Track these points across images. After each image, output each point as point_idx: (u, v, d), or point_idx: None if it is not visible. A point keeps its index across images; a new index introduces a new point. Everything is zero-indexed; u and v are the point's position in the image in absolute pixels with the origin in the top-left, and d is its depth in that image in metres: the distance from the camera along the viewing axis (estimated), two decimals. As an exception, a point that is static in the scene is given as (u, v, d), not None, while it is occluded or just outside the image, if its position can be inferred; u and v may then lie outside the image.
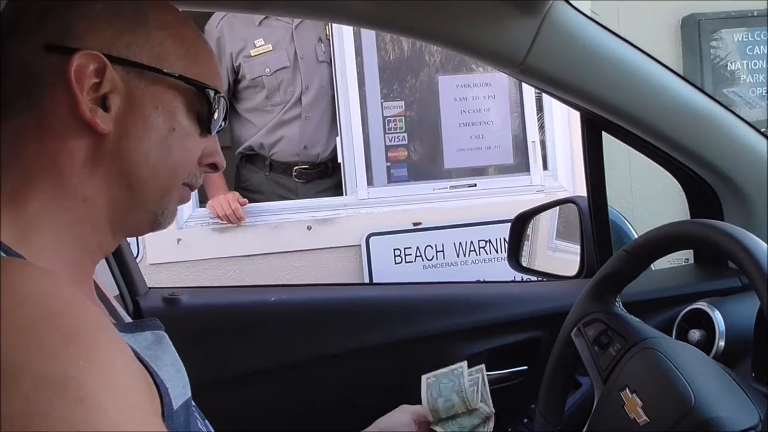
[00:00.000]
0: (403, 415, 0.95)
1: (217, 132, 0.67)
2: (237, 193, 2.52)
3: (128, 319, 0.71)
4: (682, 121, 1.09)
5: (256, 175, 2.62)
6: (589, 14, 1.01)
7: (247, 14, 2.44)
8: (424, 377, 0.95)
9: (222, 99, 0.65)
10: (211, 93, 0.63)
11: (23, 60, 0.56)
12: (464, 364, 0.95)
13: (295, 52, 2.52)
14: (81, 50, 0.55)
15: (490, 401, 0.94)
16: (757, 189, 1.14)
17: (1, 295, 0.40)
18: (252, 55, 2.48)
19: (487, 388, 0.94)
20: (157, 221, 0.64)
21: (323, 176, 2.63)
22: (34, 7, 0.56)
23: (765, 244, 0.72)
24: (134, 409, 0.41)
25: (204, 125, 0.64)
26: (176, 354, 0.61)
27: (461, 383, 0.92)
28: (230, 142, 2.72)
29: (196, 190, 2.32)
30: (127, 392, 0.41)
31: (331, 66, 2.60)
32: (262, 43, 2.48)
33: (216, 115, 0.64)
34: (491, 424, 0.93)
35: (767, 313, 0.67)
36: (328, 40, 2.60)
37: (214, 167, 0.67)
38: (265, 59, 2.49)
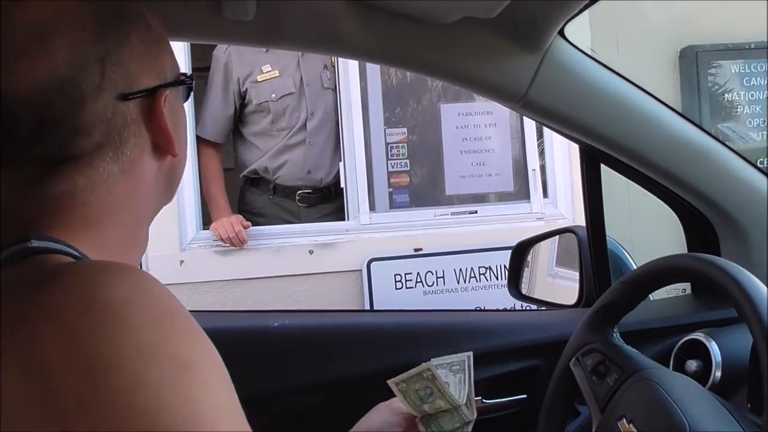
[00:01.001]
0: (380, 413, 0.94)
1: None
2: (240, 216, 2.54)
3: None
4: (679, 155, 1.12)
5: (259, 198, 2.64)
6: (588, 52, 1.04)
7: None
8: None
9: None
10: (189, 80, 0.68)
11: (102, 115, 0.56)
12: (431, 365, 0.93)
13: (301, 79, 2.55)
14: (156, 91, 0.59)
15: (473, 400, 0.92)
16: (754, 223, 1.16)
17: (133, 289, 0.45)
18: (259, 80, 2.51)
19: (472, 383, 0.93)
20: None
21: (326, 201, 2.65)
22: (93, 63, 0.56)
23: (759, 282, 0.74)
24: (235, 397, 0.46)
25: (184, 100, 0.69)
26: None
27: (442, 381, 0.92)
28: (234, 164, 2.75)
29: (200, 213, 2.32)
30: (230, 382, 0.46)
31: (336, 92, 2.64)
32: (269, 68, 2.52)
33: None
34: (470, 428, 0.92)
35: (760, 350, 0.69)
36: (333, 67, 2.65)
37: None
38: (272, 85, 2.52)
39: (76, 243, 0.54)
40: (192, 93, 0.70)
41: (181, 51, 2.44)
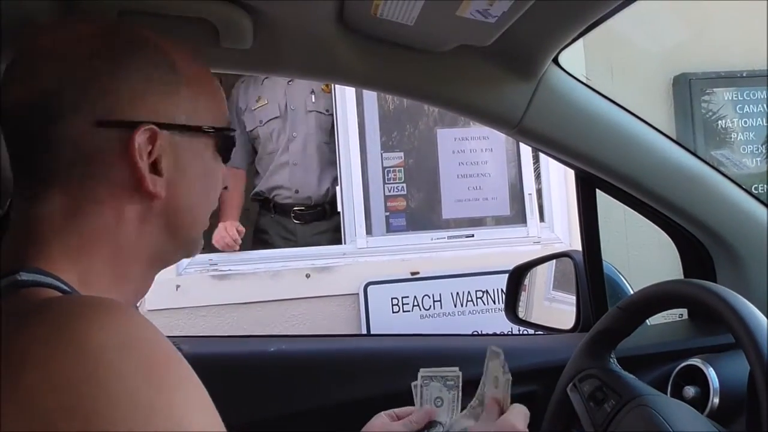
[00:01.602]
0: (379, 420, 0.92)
1: None
2: (236, 222, 2.65)
3: None
4: (674, 182, 1.13)
5: (263, 218, 2.80)
6: (582, 79, 1.06)
7: (255, 75, 2.66)
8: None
9: (235, 133, 0.69)
10: (232, 134, 0.67)
11: (75, 137, 0.56)
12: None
13: (286, 104, 2.70)
14: (138, 125, 0.57)
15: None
16: (750, 249, 1.16)
17: (125, 334, 0.45)
18: (252, 109, 2.71)
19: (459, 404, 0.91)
20: (190, 254, 0.68)
21: (321, 218, 2.73)
22: (77, 84, 0.57)
23: (755, 309, 0.74)
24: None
25: (225, 159, 0.68)
26: None
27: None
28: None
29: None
30: (221, 424, 0.47)
31: (322, 115, 2.73)
32: (261, 98, 2.71)
33: (231, 150, 0.68)
34: None
35: (758, 377, 0.69)
36: (322, 91, 2.73)
37: (226, 188, 0.71)
38: (260, 112, 2.70)
39: (61, 274, 0.54)
40: (229, 148, 0.68)
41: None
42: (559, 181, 2.83)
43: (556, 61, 1.02)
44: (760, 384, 0.69)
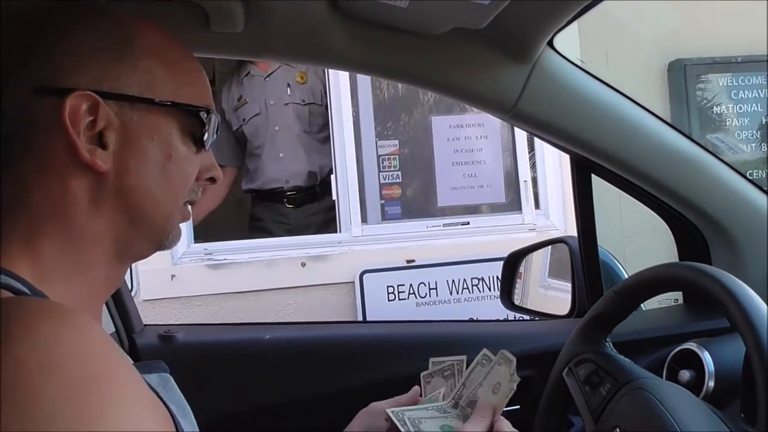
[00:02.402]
0: (361, 419, 0.92)
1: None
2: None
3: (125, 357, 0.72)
4: (669, 165, 1.12)
5: (256, 207, 2.86)
6: (577, 62, 1.05)
7: (236, 74, 2.81)
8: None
9: (213, 116, 0.65)
10: (203, 114, 0.63)
11: (14, 105, 0.55)
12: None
13: (265, 100, 2.76)
14: (72, 91, 0.54)
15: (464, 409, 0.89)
16: (745, 232, 1.16)
17: (53, 348, 0.42)
18: (235, 109, 2.78)
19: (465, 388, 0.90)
20: (162, 245, 0.64)
21: (312, 200, 2.79)
22: (17, 49, 0.55)
23: (751, 291, 0.74)
24: None
25: (199, 144, 0.64)
26: (181, 396, 0.61)
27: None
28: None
29: (191, 226, 2.31)
30: None
31: (298, 106, 2.77)
32: (243, 97, 2.79)
33: (209, 133, 0.64)
34: None
35: (753, 359, 0.68)
36: (297, 83, 2.78)
37: (212, 180, 0.68)
38: (242, 111, 2.78)
39: (14, 266, 0.52)
40: (208, 135, 0.64)
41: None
42: (554, 168, 2.82)
43: (551, 44, 1.01)
44: (756, 366, 0.69)
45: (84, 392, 0.41)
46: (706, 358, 0.98)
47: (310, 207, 2.79)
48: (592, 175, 1.22)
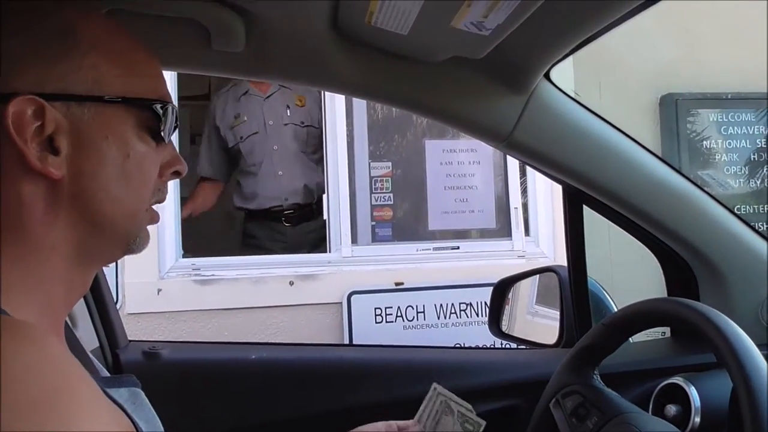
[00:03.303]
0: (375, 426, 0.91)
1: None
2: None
3: (104, 372, 0.70)
4: (659, 199, 1.13)
5: (250, 223, 2.89)
6: (572, 95, 1.06)
7: (233, 92, 2.84)
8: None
9: (170, 106, 0.62)
10: (158, 106, 0.60)
11: None
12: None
13: (264, 120, 2.79)
14: (13, 97, 0.51)
15: None
16: (732, 267, 1.17)
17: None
18: (232, 127, 2.82)
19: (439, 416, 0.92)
20: (129, 249, 0.62)
21: (309, 219, 2.82)
22: None
23: (737, 327, 0.75)
24: None
25: (158, 138, 0.61)
26: (152, 411, 0.60)
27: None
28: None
29: (179, 240, 2.29)
30: None
31: (297, 127, 2.81)
32: (240, 115, 2.82)
33: (167, 126, 0.62)
34: None
35: (740, 395, 0.69)
36: (296, 105, 2.82)
37: (177, 174, 0.65)
38: (239, 129, 2.81)
39: None
40: (165, 127, 0.61)
41: (166, 76, 2.47)
42: (545, 195, 2.84)
43: (547, 76, 1.02)
44: (744, 402, 0.69)
45: (42, 410, 0.40)
46: (693, 393, 0.98)
47: (307, 225, 2.82)
48: (584, 206, 1.23)
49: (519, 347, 1.52)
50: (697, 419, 0.95)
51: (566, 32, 0.85)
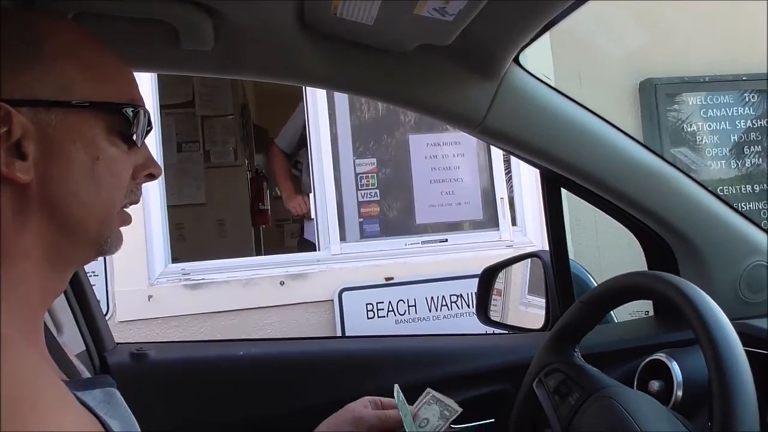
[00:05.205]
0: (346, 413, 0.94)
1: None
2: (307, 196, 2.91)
3: (87, 375, 0.70)
4: (635, 179, 1.15)
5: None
6: (543, 78, 1.07)
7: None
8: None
9: (141, 110, 0.62)
10: (129, 110, 0.60)
11: None
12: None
13: None
14: None
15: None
16: (711, 247, 1.18)
17: None
18: None
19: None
20: (102, 250, 0.62)
21: None
22: None
23: (711, 301, 0.75)
24: None
25: (129, 141, 0.61)
26: (128, 410, 0.60)
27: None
28: (204, 198, 2.78)
29: (168, 246, 2.28)
30: None
31: None
32: None
33: (138, 129, 0.62)
34: None
35: (709, 367, 0.69)
36: None
37: (151, 176, 0.66)
38: None
39: None
40: (137, 131, 0.61)
41: (147, 84, 2.47)
42: (530, 185, 2.86)
43: (517, 60, 1.03)
44: (712, 373, 0.70)
45: (5, 416, 0.41)
46: (675, 368, 0.99)
47: None
48: (563, 190, 1.24)
49: (508, 333, 1.53)
50: (680, 393, 0.96)
51: (530, 15, 0.86)
